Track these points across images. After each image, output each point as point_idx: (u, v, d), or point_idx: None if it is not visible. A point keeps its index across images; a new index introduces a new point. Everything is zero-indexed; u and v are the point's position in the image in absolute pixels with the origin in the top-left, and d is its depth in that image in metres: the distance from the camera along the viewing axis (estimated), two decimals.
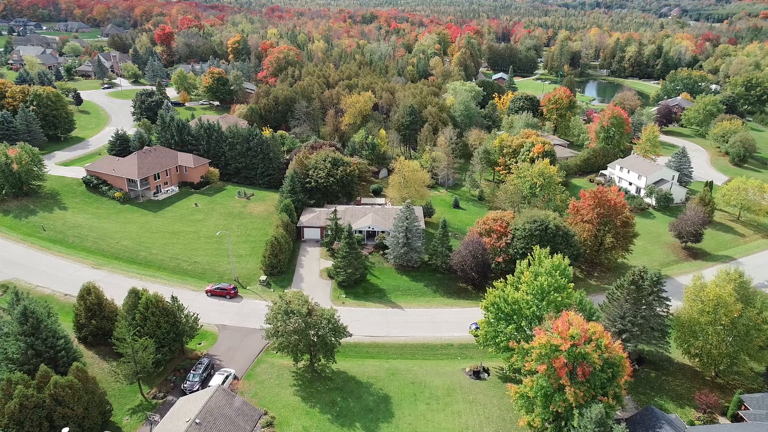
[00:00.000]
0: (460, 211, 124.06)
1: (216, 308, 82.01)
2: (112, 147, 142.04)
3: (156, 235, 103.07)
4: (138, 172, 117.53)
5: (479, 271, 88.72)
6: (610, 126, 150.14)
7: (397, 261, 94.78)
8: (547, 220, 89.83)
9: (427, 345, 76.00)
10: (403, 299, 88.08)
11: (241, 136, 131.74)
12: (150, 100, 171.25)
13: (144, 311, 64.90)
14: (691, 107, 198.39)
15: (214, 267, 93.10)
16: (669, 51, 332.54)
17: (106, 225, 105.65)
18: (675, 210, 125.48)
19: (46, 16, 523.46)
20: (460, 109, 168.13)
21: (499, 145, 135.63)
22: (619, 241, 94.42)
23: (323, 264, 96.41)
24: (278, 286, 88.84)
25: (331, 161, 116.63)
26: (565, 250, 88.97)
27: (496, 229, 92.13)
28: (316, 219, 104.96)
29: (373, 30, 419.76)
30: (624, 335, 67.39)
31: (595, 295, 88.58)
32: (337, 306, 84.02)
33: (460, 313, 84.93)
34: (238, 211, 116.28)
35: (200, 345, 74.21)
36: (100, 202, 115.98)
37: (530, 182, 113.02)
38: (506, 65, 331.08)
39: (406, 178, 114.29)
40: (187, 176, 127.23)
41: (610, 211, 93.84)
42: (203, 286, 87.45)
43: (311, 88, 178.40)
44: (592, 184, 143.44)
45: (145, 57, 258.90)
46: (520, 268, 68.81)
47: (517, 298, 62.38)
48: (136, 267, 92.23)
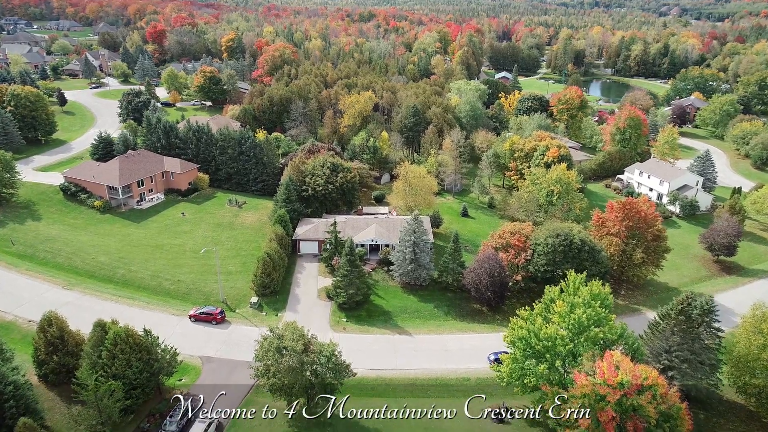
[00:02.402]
0: (469, 220, 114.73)
1: (200, 336, 72.47)
2: (94, 151, 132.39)
3: (137, 249, 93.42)
4: (120, 179, 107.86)
5: (496, 290, 79.43)
6: (626, 127, 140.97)
7: (403, 279, 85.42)
8: (572, 233, 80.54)
9: (441, 380, 66.56)
10: (411, 323, 78.65)
11: (233, 139, 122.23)
12: (137, 100, 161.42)
13: (111, 348, 55.35)
14: (706, 107, 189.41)
15: (199, 287, 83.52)
16: (676, 49, 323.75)
17: (82, 238, 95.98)
18: (701, 219, 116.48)
19: (37, 15, 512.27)
20: (465, 110, 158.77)
21: (510, 148, 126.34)
22: (650, 256, 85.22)
23: (321, 282, 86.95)
24: (271, 309, 79.34)
25: (330, 167, 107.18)
26: (591, 267, 79.90)
27: (514, 243, 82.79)
28: (314, 231, 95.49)
29: (372, 28, 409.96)
30: (670, 372, 58.19)
31: (624, 316, 79.48)
32: (338, 332, 74.81)
33: (476, 339, 75.60)
34: (229, 221, 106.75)
35: (180, 381, 64.68)
36: (78, 212, 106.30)
37: (546, 189, 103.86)
38: (508, 64, 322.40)
39: (411, 185, 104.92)
40: (173, 183, 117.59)
41: (640, 223, 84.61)
42: (187, 309, 77.85)
43: (308, 88, 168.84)
44: (609, 190, 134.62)
45: (135, 55, 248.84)
46: (550, 294, 59.56)
47: (550, 333, 52.98)
48: (112, 287, 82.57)
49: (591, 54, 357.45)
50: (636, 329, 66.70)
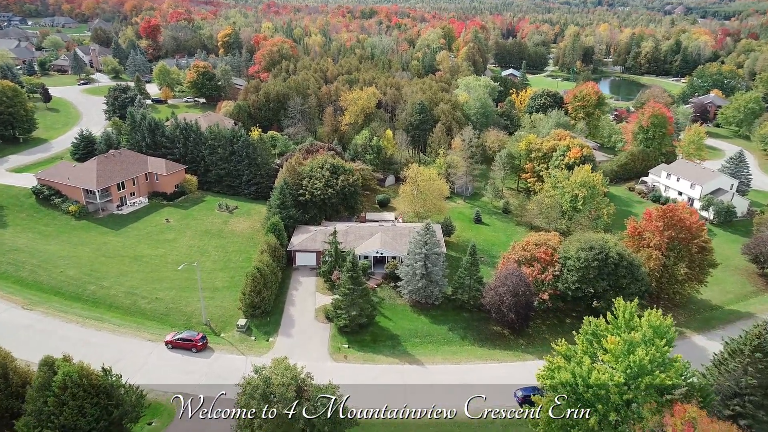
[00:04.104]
0: (482, 227, 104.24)
1: (177, 367, 62.07)
2: (75, 150, 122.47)
3: (112, 260, 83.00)
4: (97, 181, 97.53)
5: (520, 311, 69.05)
6: (650, 126, 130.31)
7: (413, 297, 75.01)
8: (607, 246, 70.08)
9: (461, 425, 55.94)
10: (423, 350, 68.19)
11: (224, 138, 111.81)
12: (124, 96, 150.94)
13: (60, 393, 44.95)
14: (729, 105, 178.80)
15: (180, 306, 73.07)
16: (688, 46, 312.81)
17: (52, 248, 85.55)
18: (738, 226, 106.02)
19: (33, 12, 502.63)
20: (475, 107, 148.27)
21: (526, 148, 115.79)
22: (694, 271, 74.73)
23: (320, 300, 76.49)
24: (261, 333, 68.88)
25: (329, 168, 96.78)
26: (630, 285, 69.58)
27: (540, 257, 72.35)
28: (311, 241, 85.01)
29: (374, 25, 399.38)
30: (743, 421, 47.73)
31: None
32: (338, 362, 64.43)
33: (499, 369, 65.23)
34: (218, 228, 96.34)
35: (150, 425, 54.37)
36: (51, 218, 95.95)
37: (570, 194, 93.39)
38: (514, 61, 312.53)
39: (420, 188, 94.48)
40: (158, 185, 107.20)
41: (683, 234, 74.10)
42: (164, 332, 67.44)
43: (307, 83, 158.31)
44: (632, 194, 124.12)
45: (127, 51, 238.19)
46: (591, 327, 48.91)
47: (603, 380, 42.43)
48: (79, 306, 72.10)
49: (600, 51, 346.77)
50: (683, 356, 56.24)
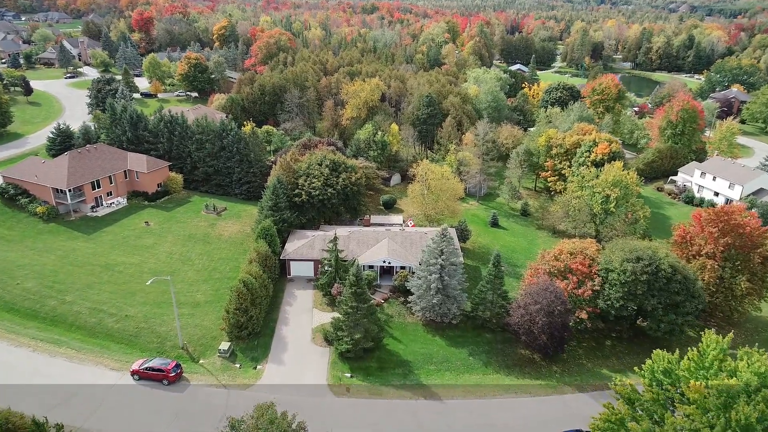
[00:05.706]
0: (500, 232, 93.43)
1: (143, 404, 51.17)
2: (51, 145, 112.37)
3: (79, 270, 72.15)
4: (68, 179, 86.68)
5: (555, 334, 58.31)
6: (679, 120, 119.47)
7: (426, 314, 64.22)
8: (657, 256, 59.26)
9: None
10: (440, 379, 57.37)
11: (213, 132, 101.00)
12: (108, 88, 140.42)
13: None
14: (754, 100, 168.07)
15: (153, 325, 62.20)
16: (701, 42, 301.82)
17: (11, 255, 74.71)
18: None
19: (27, 7, 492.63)
20: (486, 100, 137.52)
21: (546, 144, 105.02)
22: (756, 285, 63.95)
23: (318, 318, 65.67)
24: (247, 359, 58.03)
25: (329, 165, 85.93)
26: (686, 302, 58.75)
27: (576, 268, 61.54)
28: (308, 248, 74.12)
29: (375, 20, 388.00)
30: None
31: None
32: (339, 396, 53.53)
33: (531, 406, 54.38)
34: (204, 232, 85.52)
35: None
36: (16, 221, 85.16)
37: (601, 195, 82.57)
38: (521, 57, 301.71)
39: (431, 188, 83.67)
40: (139, 184, 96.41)
41: (742, 241, 63.33)
42: (131, 358, 56.66)
43: (305, 75, 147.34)
44: (662, 194, 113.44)
45: (117, 43, 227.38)
46: (662, 363, 38.18)
47: None
48: (35, 326, 61.26)
49: (610, 46, 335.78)
50: None
